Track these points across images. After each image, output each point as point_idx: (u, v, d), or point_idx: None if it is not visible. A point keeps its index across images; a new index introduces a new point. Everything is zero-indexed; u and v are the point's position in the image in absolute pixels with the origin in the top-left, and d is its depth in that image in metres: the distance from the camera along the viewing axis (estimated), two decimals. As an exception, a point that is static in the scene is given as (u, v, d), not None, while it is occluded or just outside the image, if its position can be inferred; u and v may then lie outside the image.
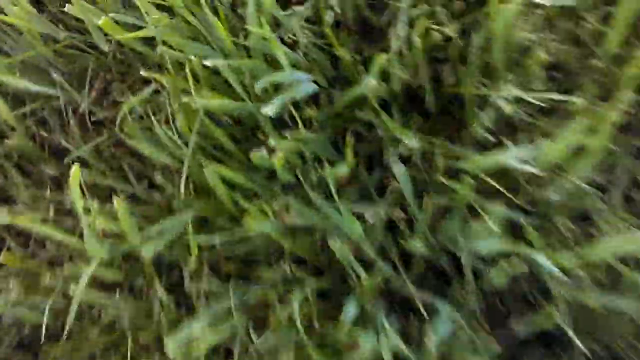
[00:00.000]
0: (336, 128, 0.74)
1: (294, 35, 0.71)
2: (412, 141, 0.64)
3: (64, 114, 0.82)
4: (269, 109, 0.58)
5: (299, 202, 0.65)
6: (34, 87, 0.80)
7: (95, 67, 0.83)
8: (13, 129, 0.82)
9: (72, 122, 0.81)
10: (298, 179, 0.65)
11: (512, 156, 0.58)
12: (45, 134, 0.83)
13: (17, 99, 0.84)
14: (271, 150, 0.61)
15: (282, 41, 0.72)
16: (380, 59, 0.60)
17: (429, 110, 0.72)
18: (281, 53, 0.61)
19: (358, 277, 0.60)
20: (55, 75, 0.81)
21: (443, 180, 0.73)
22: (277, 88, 0.70)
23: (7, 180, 0.81)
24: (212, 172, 0.65)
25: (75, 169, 0.58)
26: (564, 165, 0.62)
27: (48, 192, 0.79)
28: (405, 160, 0.69)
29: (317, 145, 0.66)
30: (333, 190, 0.59)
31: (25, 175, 0.82)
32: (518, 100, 0.63)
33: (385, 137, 0.71)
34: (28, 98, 0.84)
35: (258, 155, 0.59)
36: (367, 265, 0.62)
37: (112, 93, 0.82)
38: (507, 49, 0.67)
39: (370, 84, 0.59)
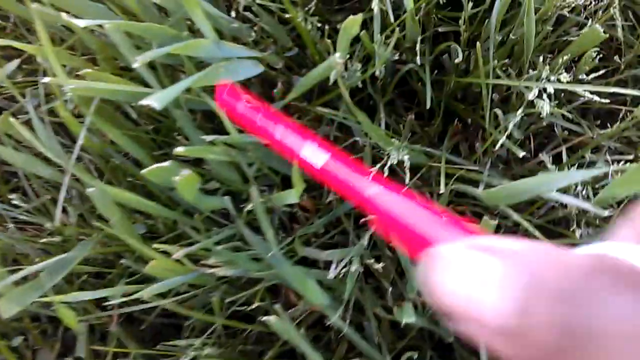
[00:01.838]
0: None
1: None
2: (401, 154, 0.43)
3: None
4: (159, 98, 0.36)
5: (227, 245, 0.43)
6: None
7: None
8: None
9: None
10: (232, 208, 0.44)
11: (553, 183, 0.37)
12: None
13: None
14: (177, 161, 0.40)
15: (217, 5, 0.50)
16: (353, 25, 0.38)
17: (427, 108, 0.51)
18: (199, 12, 0.39)
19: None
20: None
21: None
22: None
23: None
24: (101, 196, 0.43)
25: None
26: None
27: None
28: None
29: (258, 156, 0.45)
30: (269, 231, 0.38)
31: None
32: (559, 97, 0.42)
33: (363, 145, 0.50)
34: None
35: (155, 170, 0.37)
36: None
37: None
38: (544, 21, 0.46)
39: (335, 62, 0.38)
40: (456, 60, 0.44)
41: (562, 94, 0.49)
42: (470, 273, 0.13)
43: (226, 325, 0.48)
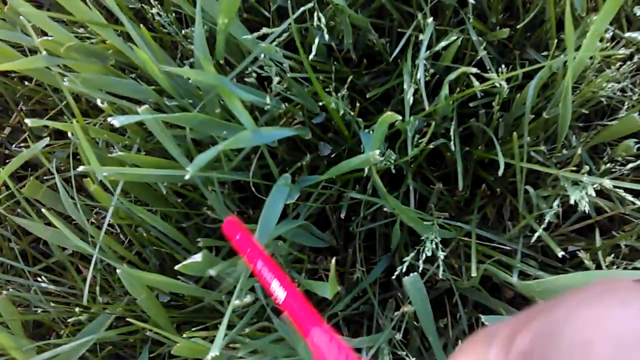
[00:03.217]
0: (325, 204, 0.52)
1: (266, 68, 0.48)
2: (434, 242, 0.42)
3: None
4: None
5: (255, 327, 0.43)
6: None
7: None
8: None
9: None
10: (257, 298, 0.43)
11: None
12: None
13: None
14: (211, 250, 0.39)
15: (255, 77, 0.49)
16: (389, 120, 0.37)
17: (459, 188, 0.50)
18: (237, 104, 0.39)
19: None
20: None
21: (476, 297, 0.51)
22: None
23: None
24: (129, 277, 0.43)
25: None
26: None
27: None
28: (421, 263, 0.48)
29: (294, 236, 0.44)
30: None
31: None
32: (599, 189, 0.41)
33: (394, 231, 0.49)
34: None
35: (188, 265, 0.37)
36: None
37: None
38: (579, 105, 0.46)
39: (374, 159, 0.37)
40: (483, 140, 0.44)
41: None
42: None
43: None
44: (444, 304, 0.54)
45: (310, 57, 0.44)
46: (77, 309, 0.46)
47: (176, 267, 0.36)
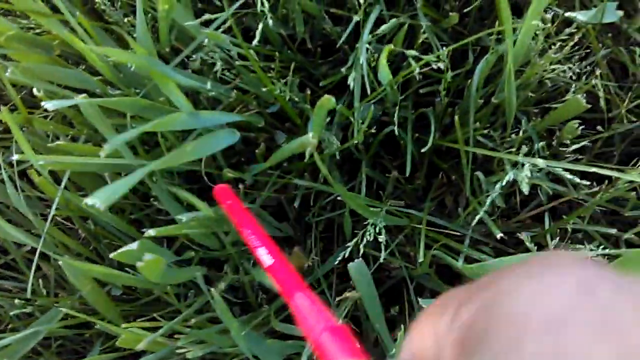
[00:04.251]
0: (276, 193, 0.52)
1: (212, 54, 0.48)
2: (379, 226, 0.42)
3: None
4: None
5: (200, 318, 0.42)
6: None
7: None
8: None
9: None
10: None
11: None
12: None
13: None
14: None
15: (201, 63, 0.49)
16: (327, 105, 0.37)
17: (407, 172, 0.50)
18: (172, 87, 0.39)
19: None
20: None
21: (426, 281, 0.51)
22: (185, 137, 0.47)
23: None
24: (72, 269, 0.42)
25: None
26: None
27: None
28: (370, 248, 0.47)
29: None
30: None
31: None
32: (540, 170, 0.41)
33: (342, 215, 0.49)
34: None
35: (123, 253, 0.36)
36: None
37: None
38: (526, 86, 0.45)
39: (309, 142, 0.37)
40: (433, 127, 0.43)
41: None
42: None
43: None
44: (402, 294, 0.54)
45: (254, 42, 0.43)
46: (16, 301, 0.46)
47: (111, 255, 0.36)
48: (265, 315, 0.44)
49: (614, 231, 0.42)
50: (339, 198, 0.51)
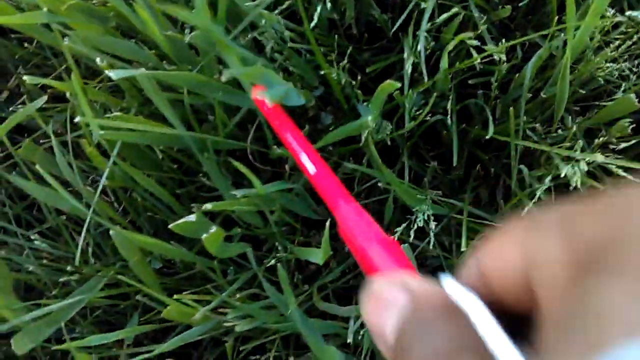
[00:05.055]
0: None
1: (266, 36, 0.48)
2: (426, 213, 0.43)
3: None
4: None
5: (244, 293, 0.43)
6: None
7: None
8: None
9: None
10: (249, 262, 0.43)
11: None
12: None
13: None
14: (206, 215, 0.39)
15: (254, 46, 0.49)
16: (389, 89, 0.37)
17: (453, 164, 0.50)
18: (233, 57, 0.39)
19: None
20: None
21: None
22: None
23: None
24: (121, 239, 0.43)
25: None
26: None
27: None
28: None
29: (281, 203, 0.44)
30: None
31: None
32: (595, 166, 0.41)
33: (386, 193, 0.49)
34: None
35: (182, 224, 0.37)
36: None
37: None
38: (579, 85, 0.46)
39: (367, 124, 0.37)
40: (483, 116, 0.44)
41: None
42: (381, 302, 0.17)
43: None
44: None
45: (311, 25, 0.44)
46: (69, 268, 0.46)
47: (169, 226, 0.37)
48: (307, 293, 0.45)
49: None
50: (379, 184, 0.51)
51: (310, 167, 0.33)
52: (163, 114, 0.43)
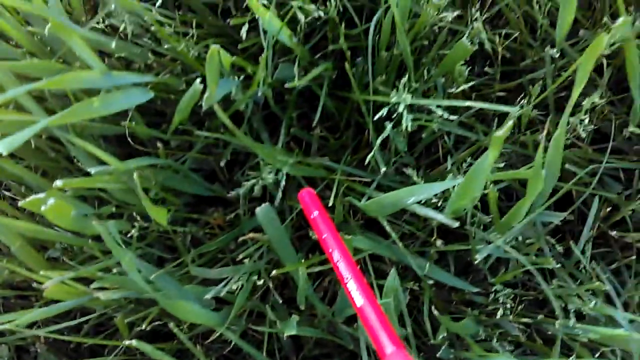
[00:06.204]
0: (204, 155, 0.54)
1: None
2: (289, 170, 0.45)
3: None
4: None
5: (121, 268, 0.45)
6: None
7: None
8: None
9: None
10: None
11: (413, 196, 0.39)
12: None
13: None
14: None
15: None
16: (215, 53, 0.39)
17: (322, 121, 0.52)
18: (78, 41, 0.41)
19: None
20: None
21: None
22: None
23: None
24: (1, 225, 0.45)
25: None
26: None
27: None
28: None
29: (158, 180, 0.46)
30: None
31: None
32: (423, 110, 0.44)
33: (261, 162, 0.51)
34: None
35: (32, 201, 0.38)
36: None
37: None
38: (415, 33, 0.48)
39: (195, 91, 0.39)
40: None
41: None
42: None
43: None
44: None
45: (157, 5, 0.46)
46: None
47: (19, 204, 0.38)
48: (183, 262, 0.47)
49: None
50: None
51: (357, 299, 0.33)
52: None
